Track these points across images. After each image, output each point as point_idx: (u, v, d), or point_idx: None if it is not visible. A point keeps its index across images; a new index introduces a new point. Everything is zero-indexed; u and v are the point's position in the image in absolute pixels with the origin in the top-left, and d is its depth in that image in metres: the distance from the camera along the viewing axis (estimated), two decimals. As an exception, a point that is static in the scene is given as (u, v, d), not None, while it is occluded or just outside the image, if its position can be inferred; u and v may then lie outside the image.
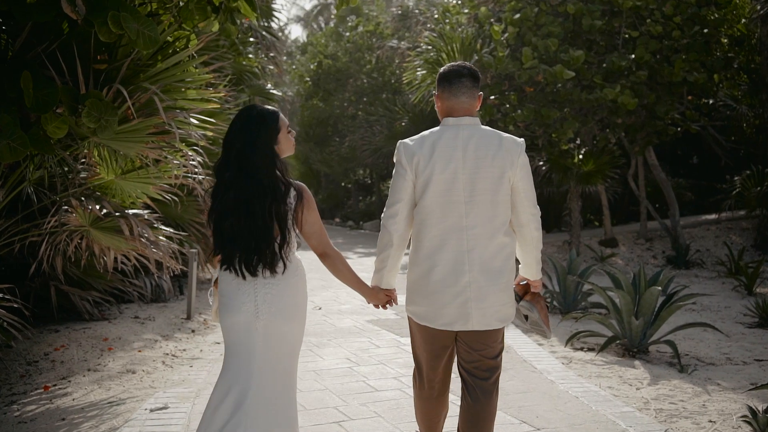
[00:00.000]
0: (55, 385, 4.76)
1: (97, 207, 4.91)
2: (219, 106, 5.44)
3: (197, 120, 5.18)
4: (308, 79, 27.29)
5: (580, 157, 13.61)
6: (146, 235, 4.98)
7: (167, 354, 5.65)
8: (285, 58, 28.64)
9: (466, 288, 2.89)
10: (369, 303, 3.11)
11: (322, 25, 36.35)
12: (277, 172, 2.73)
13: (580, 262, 8.22)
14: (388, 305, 3.11)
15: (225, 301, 2.78)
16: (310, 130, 27.84)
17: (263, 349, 2.72)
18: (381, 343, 6.21)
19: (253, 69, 11.37)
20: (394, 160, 3.04)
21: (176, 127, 4.65)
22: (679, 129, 13.02)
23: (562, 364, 5.61)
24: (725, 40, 12.42)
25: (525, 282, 3.23)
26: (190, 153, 5.29)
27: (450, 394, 3.26)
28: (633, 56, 11.49)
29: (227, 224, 2.70)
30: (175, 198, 5.77)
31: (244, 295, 2.73)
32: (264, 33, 13.14)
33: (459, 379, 3.09)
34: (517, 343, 6.26)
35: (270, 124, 2.77)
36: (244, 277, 2.72)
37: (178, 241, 7.47)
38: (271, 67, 13.38)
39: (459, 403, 3.10)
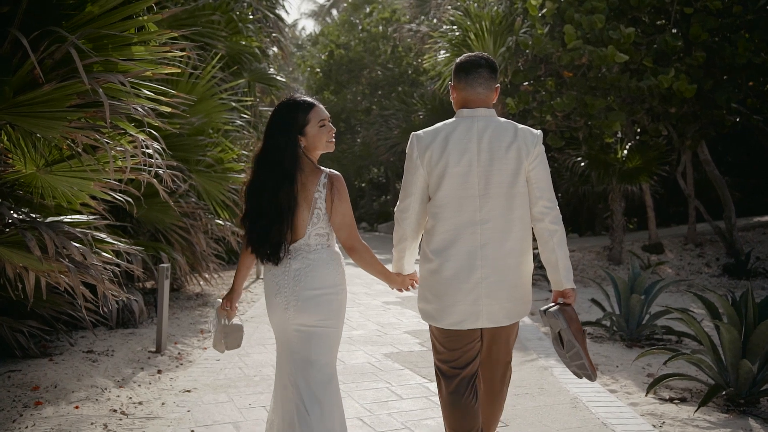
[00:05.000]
0: (-65, 472, 3.28)
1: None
2: (180, 70, 3.95)
3: (150, 90, 3.69)
4: (319, 70, 25.76)
5: (624, 152, 12.03)
6: (67, 252, 3.46)
7: (115, 411, 4.14)
8: (295, 50, 27.27)
9: (478, 284, 2.81)
10: (393, 288, 3.14)
11: (336, 18, 34.93)
12: (294, 159, 2.74)
13: (646, 278, 6.65)
14: (411, 287, 3.14)
15: (265, 294, 2.87)
16: (321, 125, 26.36)
17: (298, 342, 2.77)
18: (404, 392, 4.70)
19: (253, 50, 9.89)
20: (407, 153, 2.96)
21: (107, 96, 3.17)
22: (738, 120, 11.40)
23: (653, 426, 4.09)
24: (794, 17, 10.78)
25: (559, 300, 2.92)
26: (141, 137, 3.80)
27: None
28: (685, 36, 9.89)
29: (249, 206, 2.80)
30: (129, 199, 4.30)
31: (276, 287, 2.80)
32: (267, 12, 11.69)
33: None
34: (585, 391, 4.73)
35: (293, 112, 2.78)
36: (262, 262, 2.79)
37: (149, 254, 6.02)
38: (275, 49, 11.89)
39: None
